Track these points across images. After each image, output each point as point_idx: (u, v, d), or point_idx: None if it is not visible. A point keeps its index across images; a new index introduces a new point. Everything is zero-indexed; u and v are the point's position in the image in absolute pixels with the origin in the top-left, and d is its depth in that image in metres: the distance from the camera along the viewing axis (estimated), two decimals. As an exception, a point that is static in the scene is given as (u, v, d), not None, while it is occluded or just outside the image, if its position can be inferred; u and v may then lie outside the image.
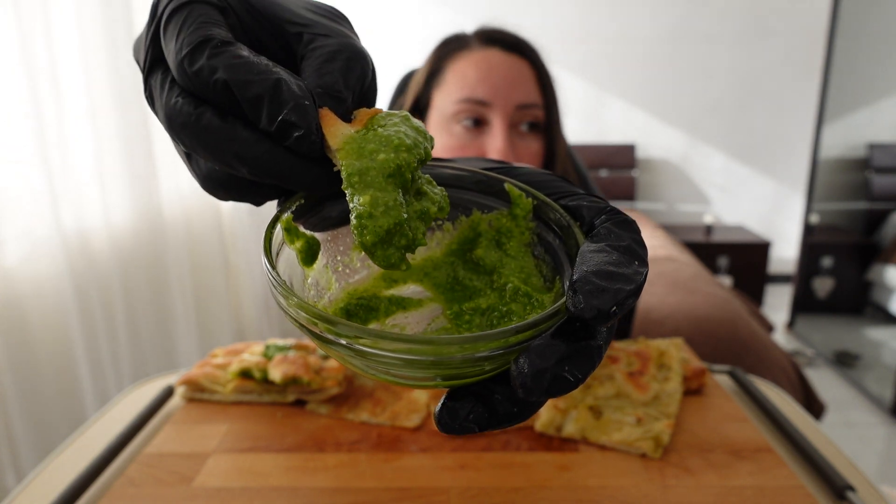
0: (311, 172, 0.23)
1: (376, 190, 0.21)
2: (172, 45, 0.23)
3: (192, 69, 0.22)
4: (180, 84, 0.23)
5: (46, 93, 1.18)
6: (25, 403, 1.15)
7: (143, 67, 0.25)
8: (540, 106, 0.73)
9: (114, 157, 1.38)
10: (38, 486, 0.48)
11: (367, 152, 0.22)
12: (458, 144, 0.72)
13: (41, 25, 1.16)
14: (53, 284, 1.19)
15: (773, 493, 0.43)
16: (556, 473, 0.46)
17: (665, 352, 0.61)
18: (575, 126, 3.59)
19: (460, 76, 0.73)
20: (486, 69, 0.72)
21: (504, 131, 0.70)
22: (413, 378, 0.20)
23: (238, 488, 0.45)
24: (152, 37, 0.24)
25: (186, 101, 0.23)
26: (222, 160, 0.23)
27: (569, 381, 0.19)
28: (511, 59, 0.73)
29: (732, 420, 0.54)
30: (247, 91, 0.22)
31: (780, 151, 3.59)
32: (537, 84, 0.73)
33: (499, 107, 0.71)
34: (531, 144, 0.73)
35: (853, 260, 2.90)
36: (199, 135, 0.23)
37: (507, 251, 0.26)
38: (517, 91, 0.72)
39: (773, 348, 1.68)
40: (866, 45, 2.69)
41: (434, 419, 0.21)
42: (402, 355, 0.18)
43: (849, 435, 2.01)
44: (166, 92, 0.24)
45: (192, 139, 0.23)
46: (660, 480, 0.45)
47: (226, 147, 0.23)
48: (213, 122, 0.23)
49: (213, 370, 0.60)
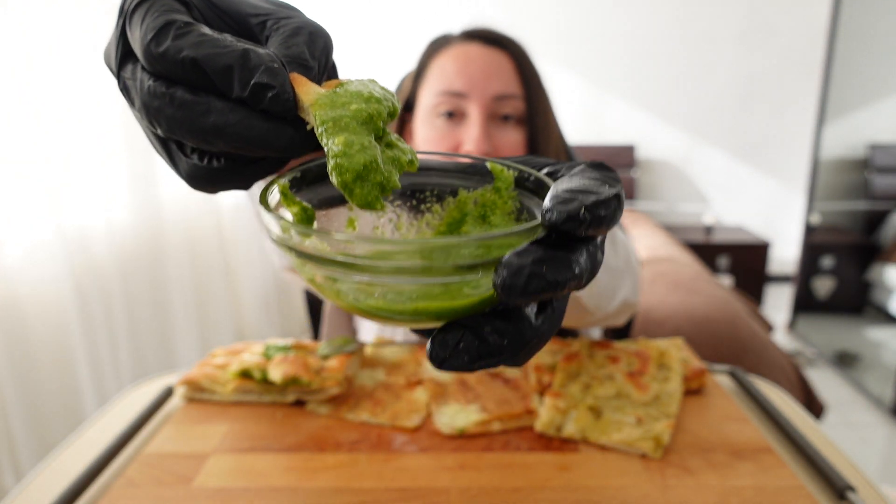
0: (286, 133, 0.24)
1: (350, 133, 0.22)
2: (137, 32, 0.24)
3: (158, 51, 0.23)
4: (149, 70, 0.24)
5: (46, 92, 1.18)
6: (25, 404, 1.15)
7: (115, 63, 0.26)
8: (519, 97, 0.74)
9: (114, 157, 1.38)
10: (38, 486, 0.48)
11: (339, 104, 0.23)
12: (437, 136, 0.74)
13: (41, 24, 1.16)
14: (53, 284, 1.19)
15: (774, 493, 0.43)
16: (556, 474, 0.46)
17: (665, 352, 0.60)
18: (574, 126, 3.59)
19: (440, 70, 0.74)
20: (464, 62, 0.73)
21: (481, 122, 0.72)
22: (404, 301, 0.21)
23: (238, 488, 0.45)
24: (120, 32, 0.25)
25: (158, 84, 0.24)
26: (200, 135, 0.24)
27: (546, 280, 0.19)
28: (489, 52, 0.74)
29: (733, 420, 0.54)
30: (216, 63, 0.23)
31: (781, 151, 3.59)
32: (517, 76, 0.74)
33: (476, 97, 0.72)
34: (510, 135, 0.74)
35: (853, 260, 2.90)
36: (174, 114, 0.23)
37: (491, 223, 0.27)
38: (494, 82, 0.73)
39: (773, 348, 1.68)
40: (867, 44, 2.69)
41: (427, 356, 0.22)
42: (391, 263, 0.19)
43: (849, 435, 2.01)
44: (138, 80, 0.24)
45: (168, 119, 0.24)
46: (660, 481, 0.45)
47: (202, 120, 0.23)
48: (186, 98, 0.23)
49: (212, 370, 0.60)
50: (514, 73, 0.74)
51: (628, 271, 0.67)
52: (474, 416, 0.53)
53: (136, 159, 1.43)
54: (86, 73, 1.27)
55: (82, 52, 1.26)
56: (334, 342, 0.64)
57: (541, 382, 0.58)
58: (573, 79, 3.56)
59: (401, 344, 0.70)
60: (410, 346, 0.68)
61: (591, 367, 0.59)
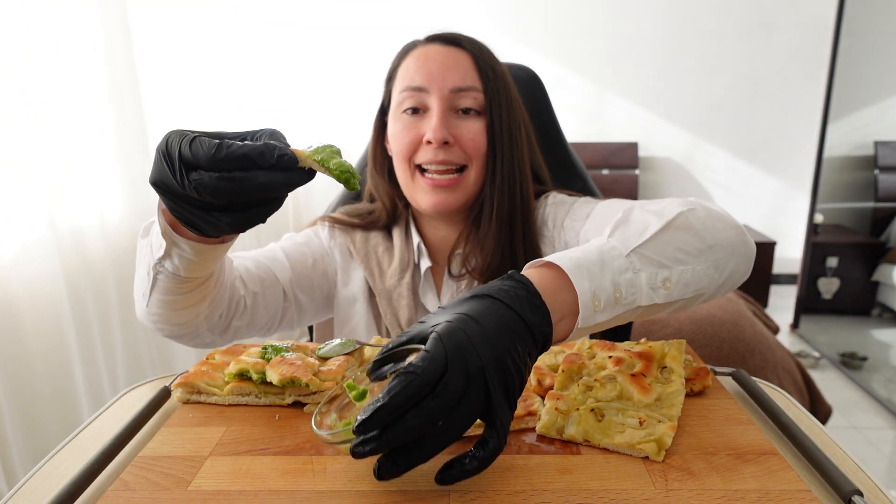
0: (295, 175, 0.47)
1: (336, 157, 0.48)
2: (201, 151, 0.45)
3: (220, 156, 0.45)
4: (212, 169, 0.45)
5: (41, 92, 1.17)
6: (18, 406, 1.14)
7: (178, 175, 0.46)
8: (478, 89, 0.79)
9: (108, 156, 1.37)
10: (31, 490, 0.47)
11: (320, 151, 0.48)
12: (402, 129, 0.81)
13: (37, 24, 1.16)
14: (47, 285, 1.18)
15: (778, 497, 0.43)
16: (557, 476, 0.46)
17: (668, 353, 0.60)
18: (577, 125, 3.58)
19: (404, 71, 0.82)
20: (424, 60, 0.80)
21: (440, 113, 0.77)
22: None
23: (235, 491, 0.45)
24: (167, 159, 0.47)
25: (220, 174, 0.45)
26: (255, 192, 0.46)
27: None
28: (448, 50, 0.81)
29: (736, 423, 0.53)
30: (255, 152, 0.45)
31: (785, 150, 3.56)
32: (475, 70, 0.80)
33: (435, 91, 0.78)
34: (470, 125, 0.79)
35: (859, 260, 2.87)
36: (235, 186, 0.45)
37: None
38: (452, 76, 0.79)
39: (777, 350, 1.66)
40: (873, 42, 2.67)
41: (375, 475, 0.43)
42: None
43: (855, 438, 1.99)
44: (206, 176, 0.45)
45: (231, 192, 0.46)
46: (662, 484, 0.44)
47: (255, 182, 0.46)
48: (242, 175, 0.46)
49: (210, 372, 0.60)
50: (472, 68, 0.80)
51: (707, 251, 0.57)
52: (474, 418, 0.52)
53: (132, 158, 1.43)
54: (81, 71, 1.27)
55: (82, 52, 1.26)
56: (333, 343, 0.63)
57: (542, 384, 0.58)
58: (576, 77, 3.55)
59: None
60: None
61: (592, 368, 0.59)
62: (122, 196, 1.42)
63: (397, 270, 0.85)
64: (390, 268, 0.86)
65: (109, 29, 1.33)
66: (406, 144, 0.80)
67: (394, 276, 0.85)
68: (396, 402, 0.38)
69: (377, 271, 0.86)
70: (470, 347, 0.41)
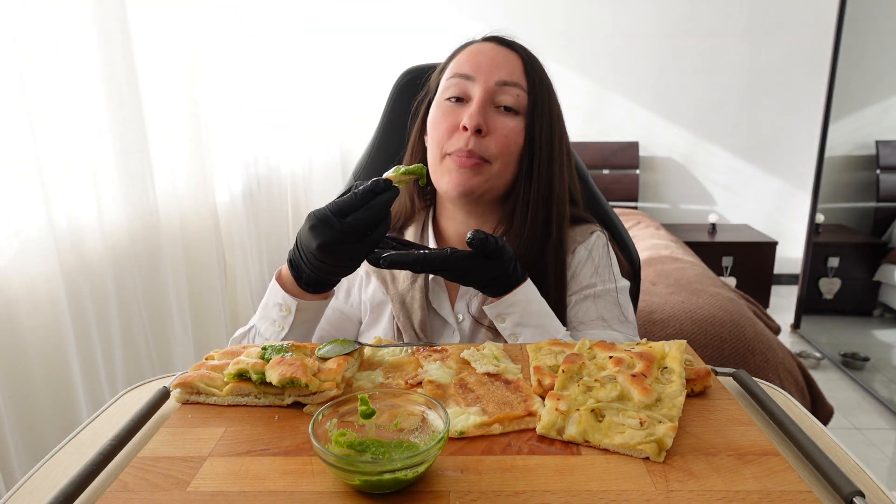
0: (395, 190, 0.66)
1: (402, 167, 0.70)
2: (347, 201, 0.65)
3: (359, 193, 0.64)
4: (356, 207, 0.64)
5: (40, 92, 1.17)
6: (16, 407, 1.13)
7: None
8: (522, 88, 0.80)
9: (108, 155, 1.36)
10: (29, 491, 0.47)
11: (395, 171, 0.69)
12: (441, 115, 0.82)
13: (37, 24, 1.16)
14: (45, 285, 1.17)
15: (780, 498, 0.42)
16: (557, 477, 0.45)
17: (668, 354, 0.59)
18: (577, 124, 3.57)
19: (455, 62, 0.84)
20: (475, 54, 0.82)
21: (480, 101, 0.78)
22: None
23: (235, 492, 0.44)
24: (332, 213, 0.65)
25: (363, 207, 0.64)
26: (381, 210, 0.65)
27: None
28: (501, 49, 0.82)
29: (737, 423, 0.53)
30: (370, 186, 0.65)
31: (786, 149, 3.55)
32: (523, 71, 0.81)
33: (480, 81, 0.79)
34: (507, 122, 0.79)
35: (861, 260, 2.87)
36: (374, 211, 0.64)
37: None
38: (499, 70, 0.79)
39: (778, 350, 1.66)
40: (874, 40, 2.67)
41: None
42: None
43: (857, 439, 1.99)
44: (355, 215, 0.64)
45: (373, 214, 0.64)
46: (663, 484, 0.44)
47: (380, 203, 0.65)
48: (372, 203, 0.64)
49: (209, 372, 0.59)
50: (520, 69, 0.81)
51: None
52: (475, 419, 0.52)
53: (131, 157, 1.42)
54: (79, 70, 1.27)
55: (76, 49, 1.26)
56: (333, 343, 0.63)
57: (542, 384, 0.58)
58: (577, 76, 3.55)
59: (400, 345, 0.69)
60: (409, 348, 0.68)
61: (592, 368, 0.59)
62: (121, 196, 1.41)
63: (409, 273, 0.85)
64: (402, 272, 0.86)
65: (109, 29, 1.33)
66: (442, 131, 0.80)
67: (406, 280, 0.85)
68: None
69: (389, 277, 0.87)
70: None
